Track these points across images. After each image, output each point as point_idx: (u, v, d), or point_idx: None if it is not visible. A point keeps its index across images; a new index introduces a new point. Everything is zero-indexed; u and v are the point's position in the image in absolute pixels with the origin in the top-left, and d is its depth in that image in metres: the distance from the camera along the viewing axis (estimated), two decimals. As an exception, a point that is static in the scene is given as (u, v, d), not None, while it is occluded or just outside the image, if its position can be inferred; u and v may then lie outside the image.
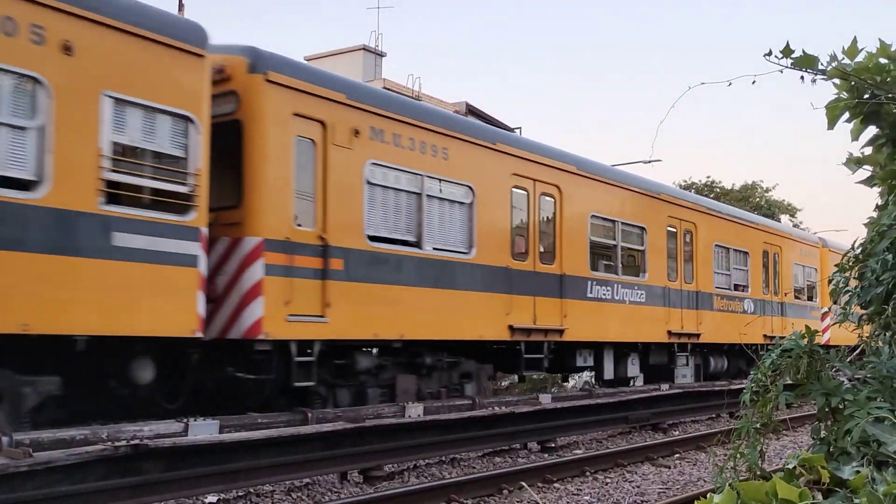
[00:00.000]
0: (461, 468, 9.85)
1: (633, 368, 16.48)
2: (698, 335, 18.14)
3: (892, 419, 2.66)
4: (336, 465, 8.49)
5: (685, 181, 48.34)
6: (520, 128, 23.16)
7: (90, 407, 8.67)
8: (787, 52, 3.95)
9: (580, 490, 8.90)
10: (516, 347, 13.17)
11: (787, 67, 3.98)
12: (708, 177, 50.76)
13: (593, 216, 15.04)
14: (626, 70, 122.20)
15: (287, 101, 9.69)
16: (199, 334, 8.61)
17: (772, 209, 46.66)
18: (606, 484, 9.30)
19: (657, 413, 14.07)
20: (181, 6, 18.24)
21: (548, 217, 14.07)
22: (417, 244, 11.29)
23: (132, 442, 6.65)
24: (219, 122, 9.19)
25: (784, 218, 47.43)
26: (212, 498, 7.73)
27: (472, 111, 23.77)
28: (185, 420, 7.93)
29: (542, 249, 13.76)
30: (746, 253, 20.71)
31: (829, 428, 3.08)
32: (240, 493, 7.93)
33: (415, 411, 10.19)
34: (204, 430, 7.84)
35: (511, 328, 12.71)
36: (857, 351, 3.67)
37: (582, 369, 15.91)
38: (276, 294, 9.27)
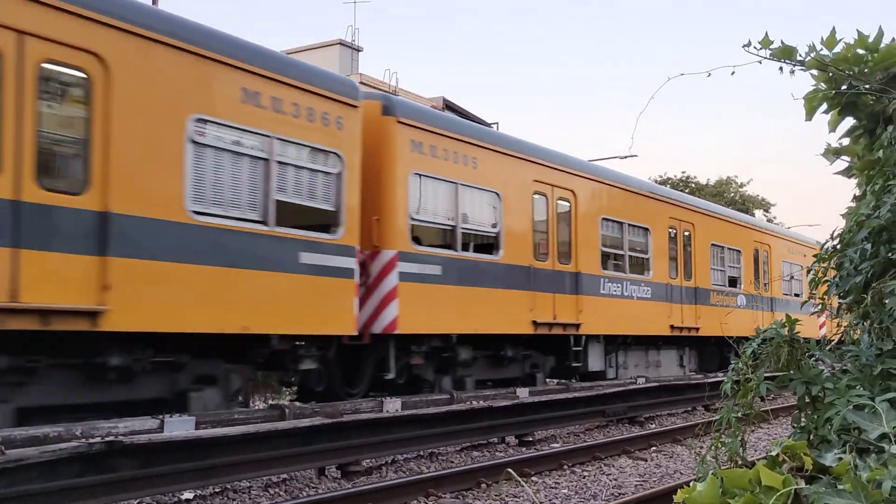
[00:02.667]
0: (439, 462, 9.84)
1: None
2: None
3: (873, 406, 2.67)
4: (314, 461, 8.44)
5: (661, 177, 48.64)
6: (497, 123, 23.13)
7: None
8: (765, 42, 3.96)
9: (558, 483, 8.92)
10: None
11: (765, 58, 3.98)
12: (683, 172, 51.16)
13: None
14: (606, 65, 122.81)
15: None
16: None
17: (746, 204, 47.15)
18: (584, 477, 9.33)
19: (633, 406, 14.15)
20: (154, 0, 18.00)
21: None
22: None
23: (107, 439, 6.56)
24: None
25: (758, 213, 47.92)
26: (188, 494, 7.65)
27: (449, 106, 23.69)
28: (160, 417, 7.84)
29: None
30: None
31: (808, 416, 3.09)
32: (216, 490, 7.86)
33: (392, 406, 10.15)
34: (180, 427, 7.73)
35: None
36: (837, 340, 3.69)
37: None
38: None
